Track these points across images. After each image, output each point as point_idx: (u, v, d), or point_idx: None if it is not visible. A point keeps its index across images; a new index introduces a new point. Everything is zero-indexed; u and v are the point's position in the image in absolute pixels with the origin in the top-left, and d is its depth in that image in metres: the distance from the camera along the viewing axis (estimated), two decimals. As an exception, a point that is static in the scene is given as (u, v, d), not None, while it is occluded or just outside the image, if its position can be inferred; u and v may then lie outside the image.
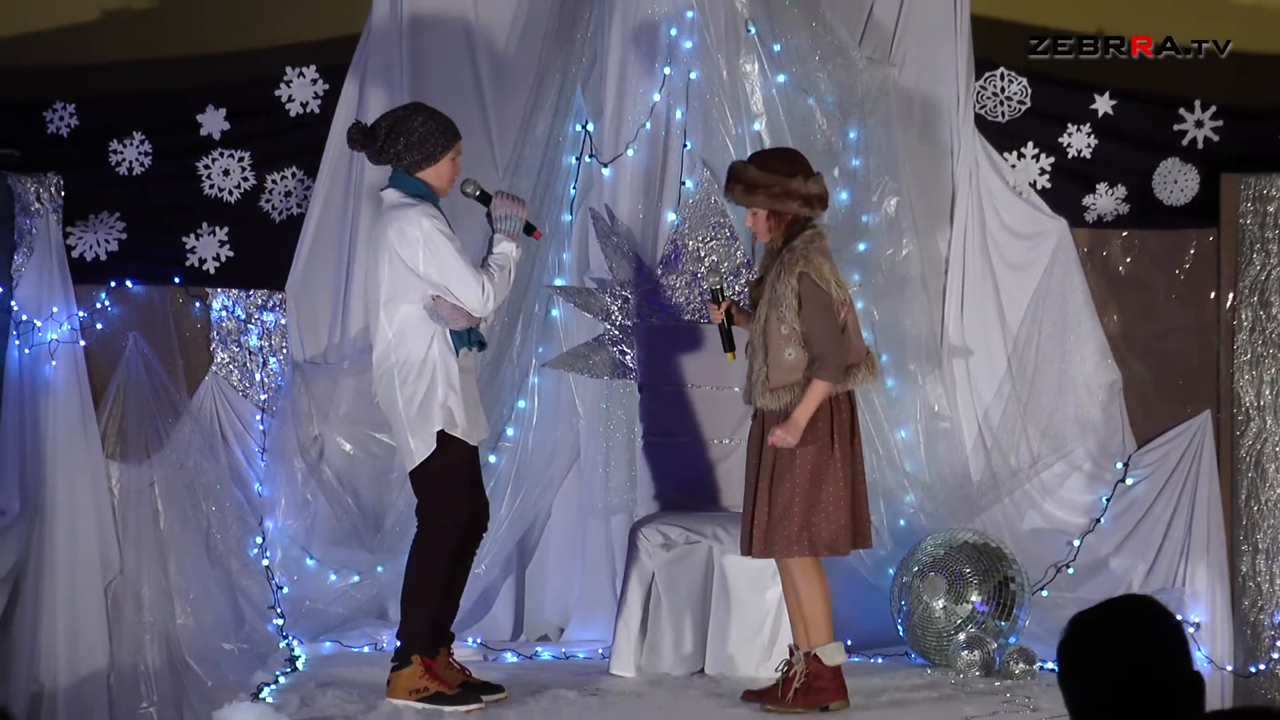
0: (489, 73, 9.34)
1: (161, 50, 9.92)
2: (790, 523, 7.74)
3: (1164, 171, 9.34)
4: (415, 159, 7.78)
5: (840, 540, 7.77)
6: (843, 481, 7.76)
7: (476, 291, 7.63)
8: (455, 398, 7.70)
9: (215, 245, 9.55)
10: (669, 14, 9.06)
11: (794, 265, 7.72)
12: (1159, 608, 4.07)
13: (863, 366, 7.81)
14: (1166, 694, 3.90)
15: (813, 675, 7.82)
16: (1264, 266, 8.95)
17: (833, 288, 7.71)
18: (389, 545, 9.12)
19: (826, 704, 7.80)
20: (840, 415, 7.78)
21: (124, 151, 9.57)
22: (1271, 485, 8.97)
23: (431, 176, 7.80)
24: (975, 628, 8.71)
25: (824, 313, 7.70)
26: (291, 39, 9.74)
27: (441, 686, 7.79)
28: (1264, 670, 8.98)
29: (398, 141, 7.78)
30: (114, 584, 9.45)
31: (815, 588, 7.85)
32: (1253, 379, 8.98)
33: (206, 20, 9.94)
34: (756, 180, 7.83)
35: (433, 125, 7.81)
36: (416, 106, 7.98)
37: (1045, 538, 9.21)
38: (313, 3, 9.82)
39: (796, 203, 7.77)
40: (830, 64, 9.10)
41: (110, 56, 9.93)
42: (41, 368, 9.36)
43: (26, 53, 9.93)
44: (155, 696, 9.39)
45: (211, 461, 9.41)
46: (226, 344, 9.55)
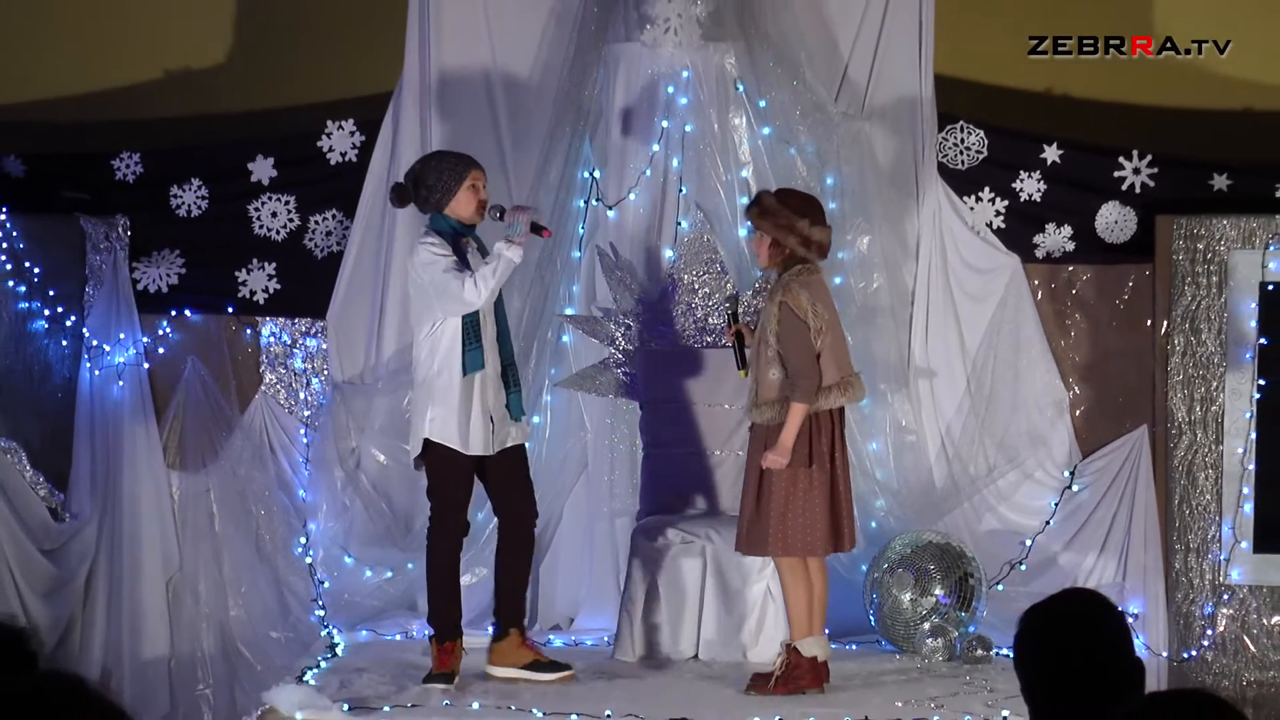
0: (507, 126, 9.34)
1: (216, 106, 9.92)
2: (765, 526, 7.77)
3: (1105, 213, 9.35)
4: (437, 199, 7.83)
5: (816, 544, 7.77)
6: (819, 493, 7.76)
7: (459, 288, 7.66)
8: (448, 413, 7.74)
9: (264, 279, 9.57)
10: (666, 74, 9.09)
11: (777, 294, 7.76)
12: (1103, 600, 4.09)
13: (836, 388, 7.80)
14: (1110, 677, 3.92)
15: (792, 665, 7.83)
16: (1194, 297, 8.96)
17: (809, 316, 7.70)
18: (418, 545, 9.08)
19: (804, 690, 7.82)
20: (820, 434, 7.78)
21: (183, 196, 9.58)
22: (1201, 491, 8.97)
23: (456, 210, 7.84)
24: (939, 618, 8.73)
25: (798, 339, 7.70)
26: (332, 96, 9.72)
27: (441, 668, 7.86)
28: (1195, 656, 8.99)
29: (420, 190, 7.84)
30: (174, 579, 9.45)
31: (797, 586, 7.85)
32: (1184, 397, 8.99)
33: (257, 79, 9.94)
34: (770, 208, 7.85)
35: (442, 165, 7.87)
36: (429, 155, 8.05)
37: (1001, 538, 9.21)
38: (351, 63, 9.82)
39: (795, 240, 7.77)
40: (809, 118, 9.11)
41: (171, 111, 9.92)
42: (110, 387, 9.37)
43: (97, 108, 9.93)
44: (210, 679, 9.39)
45: (261, 471, 9.42)
46: (274, 366, 9.56)
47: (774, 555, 7.87)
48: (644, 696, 7.83)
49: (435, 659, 7.90)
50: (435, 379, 7.76)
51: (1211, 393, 8.96)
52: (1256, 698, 8.91)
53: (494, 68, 9.35)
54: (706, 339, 9.09)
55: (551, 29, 9.30)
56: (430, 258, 7.71)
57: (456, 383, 7.76)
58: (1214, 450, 8.95)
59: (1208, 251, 8.94)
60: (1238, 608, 8.97)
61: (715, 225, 9.11)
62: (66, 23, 10.00)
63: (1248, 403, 8.91)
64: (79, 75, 9.98)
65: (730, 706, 7.65)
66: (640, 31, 9.07)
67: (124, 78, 10.00)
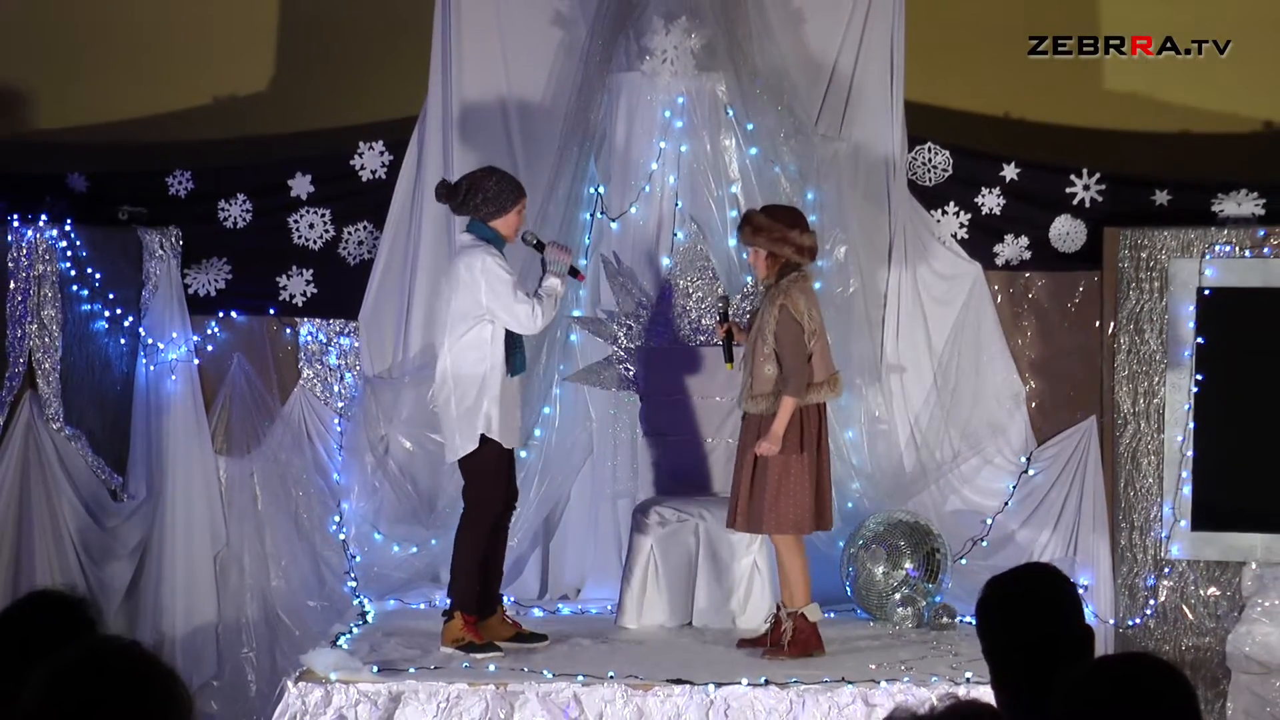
0: (521, 146, 9.32)
1: (259, 128, 9.92)
2: (760, 507, 7.77)
3: (1058, 225, 9.33)
4: (489, 211, 7.81)
5: (804, 522, 7.80)
6: (808, 476, 7.78)
7: (527, 312, 7.65)
8: (496, 408, 7.71)
9: (302, 284, 9.55)
10: (664, 100, 9.06)
11: (776, 299, 7.75)
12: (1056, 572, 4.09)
13: (825, 384, 7.83)
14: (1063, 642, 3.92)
15: (799, 630, 7.83)
16: (1138, 301, 8.95)
17: (805, 320, 7.72)
18: (441, 523, 9.11)
19: (811, 652, 7.82)
20: (809, 425, 7.80)
21: (230, 209, 9.57)
22: (1144, 475, 8.95)
23: (500, 226, 7.83)
24: (908, 589, 8.71)
25: (793, 340, 7.72)
26: (364, 119, 9.71)
27: (474, 638, 7.79)
28: (1139, 624, 8.97)
29: (475, 196, 7.81)
30: (221, 553, 9.44)
31: (795, 559, 7.86)
32: (1129, 390, 8.97)
33: (295, 104, 9.94)
34: (762, 225, 7.84)
35: (504, 185, 7.85)
36: (490, 169, 8.00)
37: (964, 517, 9.20)
38: (381, 90, 9.80)
39: (790, 249, 7.78)
40: (792, 140, 9.09)
41: (218, 134, 9.92)
42: (164, 382, 9.35)
43: (153, 130, 9.93)
44: (254, 644, 9.38)
45: (299, 456, 9.40)
46: (311, 363, 9.54)
47: (769, 533, 7.87)
48: (644, 659, 7.82)
49: (470, 633, 7.82)
50: (488, 377, 7.71)
51: (1154, 387, 8.94)
52: (1194, 660, 8.89)
53: (509, 94, 9.34)
54: (700, 338, 9.07)
55: (561, 60, 9.30)
56: (502, 274, 7.67)
57: (507, 382, 7.74)
58: (1156, 438, 8.93)
59: (1150, 260, 8.93)
60: (1177, 580, 8.95)
61: (708, 236, 9.10)
62: (124, 55, 10.00)
63: (1186, 396, 8.89)
64: (136, 102, 9.98)
65: (721, 667, 7.63)
66: (640, 62, 9.05)
67: (176, 104, 10.00)
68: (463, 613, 7.83)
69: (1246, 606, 8.86)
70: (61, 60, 10.03)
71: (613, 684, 7.38)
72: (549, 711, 7.30)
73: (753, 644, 8.02)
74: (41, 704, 2.95)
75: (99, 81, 9.99)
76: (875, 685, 7.39)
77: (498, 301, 7.65)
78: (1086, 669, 3.34)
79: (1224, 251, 8.86)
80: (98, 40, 10.01)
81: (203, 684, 9.26)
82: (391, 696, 7.36)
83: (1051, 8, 9.70)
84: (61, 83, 10.01)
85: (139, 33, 9.99)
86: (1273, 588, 8.81)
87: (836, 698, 7.33)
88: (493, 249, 7.75)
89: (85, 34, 10.02)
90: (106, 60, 10.00)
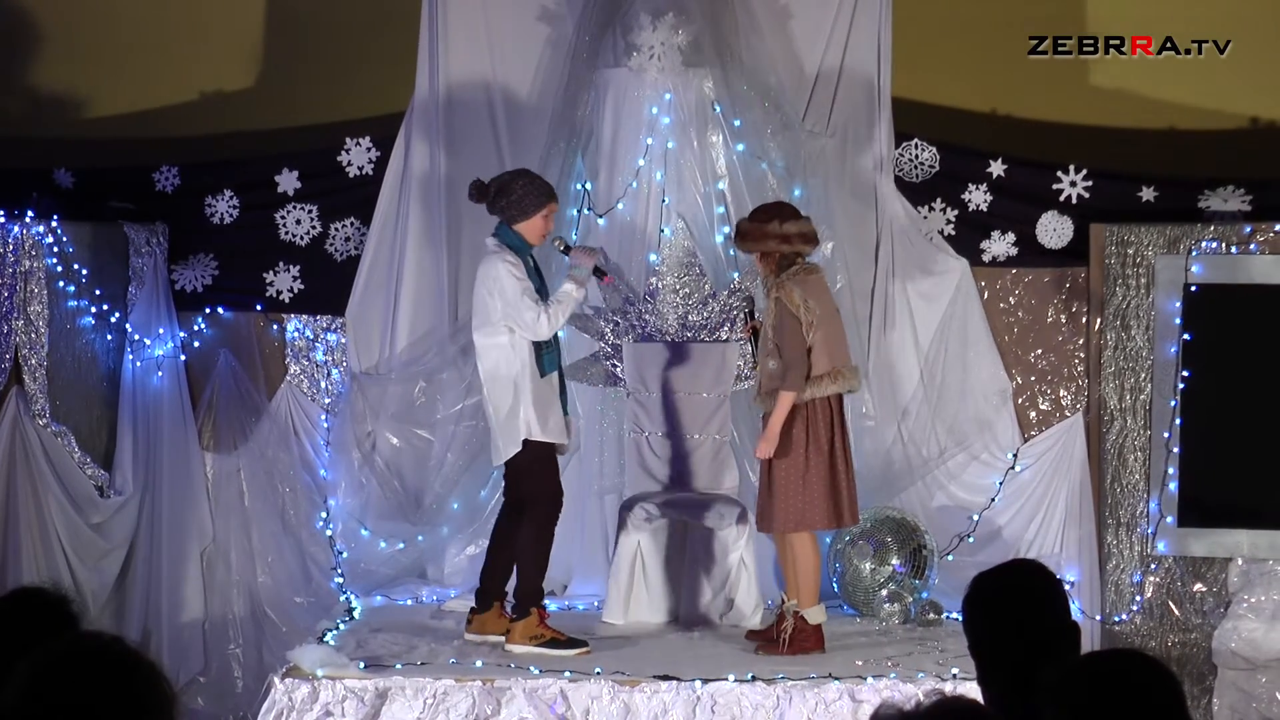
0: (508, 143, 9.32)
1: (246, 124, 9.88)
2: (771, 506, 7.75)
3: (1045, 221, 9.33)
4: (513, 214, 7.81)
5: (813, 518, 7.73)
6: (817, 474, 7.71)
7: (533, 318, 7.65)
8: (533, 411, 7.70)
9: (289, 280, 9.54)
10: (650, 96, 9.05)
11: (773, 292, 7.74)
12: (1043, 569, 4.08)
13: (826, 377, 7.75)
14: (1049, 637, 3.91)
15: (798, 630, 7.81)
16: (1125, 297, 8.95)
17: (800, 311, 7.67)
18: (427, 519, 9.11)
19: (809, 651, 7.79)
20: (818, 421, 7.73)
21: (216, 205, 9.55)
22: (1131, 472, 8.96)
23: (525, 230, 7.83)
24: (895, 585, 8.71)
25: (789, 333, 7.68)
26: (351, 116, 9.69)
27: (555, 634, 7.78)
28: (1126, 620, 8.97)
29: (501, 199, 7.82)
30: (208, 549, 9.42)
31: (805, 559, 7.81)
32: (1116, 387, 8.97)
33: (282, 100, 9.91)
34: (744, 231, 7.85)
35: (530, 188, 7.84)
36: (520, 171, 8.02)
37: (951, 513, 9.19)
38: (367, 86, 9.77)
39: (775, 241, 7.75)
40: (779, 136, 9.09)
41: (205, 130, 9.89)
42: (150, 377, 9.33)
43: (139, 126, 9.89)
44: (240, 639, 9.37)
45: (286, 452, 9.38)
46: (298, 359, 9.52)
47: (776, 532, 7.85)
48: (630, 655, 7.82)
49: (546, 630, 7.77)
50: (520, 378, 7.72)
51: (1140, 383, 8.95)
52: (1180, 656, 8.90)
53: (496, 91, 9.34)
54: (686, 334, 9.06)
55: (548, 56, 9.30)
56: (511, 282, 7.68)
57: (540, 383, 7.74)
58: (1142, 435, 8.93)
59: (1136, 256, 8.93)
60: (1164, 576, 8.96)
61: (695, 232, 9.08)
62: (110, 51, 9.96)
63: (1173, 392, 8.89)
64: (123, 97, 9.95)
65: (708, 663, 7.63)
66: (628, 58, 9.03)
67: (163, 99, 9.97)
68: (538, 609, 7.81)
69: (1233, 602, 8.86)
70: (48, 56, 10.00)
71: (599, 680, 7.36)
72: (535, 707, 7.29)
73: (759, 636, 8.00)
74: (23, 699, 2.94)
75: (86, 77, 9.96)
76: (862, 681, 7.39)
77: (507, 308, 7.68)
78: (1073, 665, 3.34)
79: (1210, 248, 8.86)
80: (84, 36, 9.97)
81: (189, 680, 9.24)
82: (378, 692, 7.35)
83: (1041, 3, 9.69)
84: (48, 79, 9.98)
85: (126, 29, 9.96)
86: (1259, 584, 8.82)
87: (823, 694, 7.32)
88: (510, 255, 7.76)
89: (72, 30, 9.99)
90: (93, 56, 9.96)
